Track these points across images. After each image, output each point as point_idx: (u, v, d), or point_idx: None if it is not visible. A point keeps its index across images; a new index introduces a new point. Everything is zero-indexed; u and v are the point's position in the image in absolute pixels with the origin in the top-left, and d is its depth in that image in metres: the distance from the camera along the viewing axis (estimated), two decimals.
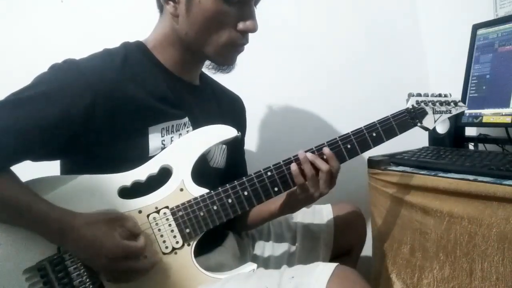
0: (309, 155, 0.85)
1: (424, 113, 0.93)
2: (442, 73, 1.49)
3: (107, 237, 0.72)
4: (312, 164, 0.85)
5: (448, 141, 1.20)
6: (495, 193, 0.79)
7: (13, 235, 0.74)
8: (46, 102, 0.74)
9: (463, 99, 1.18)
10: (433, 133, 1.23)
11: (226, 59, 0.90)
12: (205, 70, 0.97)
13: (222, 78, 1.07)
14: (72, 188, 0.78)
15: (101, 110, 0.77)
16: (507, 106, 1.07)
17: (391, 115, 0.91)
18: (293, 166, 0.85)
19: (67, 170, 0.87)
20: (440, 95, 0.96)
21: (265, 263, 1.07)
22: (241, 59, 0.95)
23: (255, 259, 1.08)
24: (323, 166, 0.85)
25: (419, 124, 0.93)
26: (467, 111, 1.18)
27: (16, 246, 0.74)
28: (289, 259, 1.08)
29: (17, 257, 0.74)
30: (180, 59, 0.90)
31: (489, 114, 1.12)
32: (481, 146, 1.23)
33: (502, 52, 1.12)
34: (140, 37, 0.92)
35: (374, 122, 0.90)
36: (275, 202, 0.98)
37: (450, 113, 0.96)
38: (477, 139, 1.23)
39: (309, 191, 0.87)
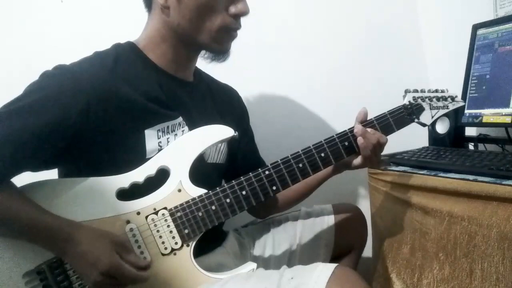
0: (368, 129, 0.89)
1: (421, 109, 0.94)
2: (442, 73, 1.49)
3: (105, 253, 0.72)
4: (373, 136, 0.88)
5: (448, 141, 1.20)
6: (495, 193, 0.79)
7: (11, 239, 0.74)
8: (40, 110, 0.74)
9: (463, 99, 1.17)
10: (433, 133, 1.23)
11: (221, 45, 0.89)
12: (200, 60, 0.96)
13: (221, 77, 1.07)
14: (71, 191, 0.78)
15: (95, 114, 0.77)
16: (507, 106, 1.07)
17: (388, 111, 0.92)
18: (360, 140, 0.87)
19: (65, 173, 0.86)
20: (436, 91, 0.96)
21: (265, 263, 1.07)
22: (241, 58, 0.95)
23: (255, 259, 1.08)
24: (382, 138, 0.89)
25: (416, 120, 0.93)
26: (467, 111, 1.18)
27: (14, 250, 0.74)
28: (290, 259, 1.08)
29: (16, 261, 0.74)
30: (173, 56, 0.89)
31: (489, 114, 1.11)
32: (481, 146, 1.23)
33: (502, 52, 1.11)
34: None
35: (371, 119, 0.90)
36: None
37: (447, 108, 0.96)
38: (477, 139, 1.23)
39: (373, 160, 0.90)
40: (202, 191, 0.83)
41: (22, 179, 0.77)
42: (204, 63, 0.98)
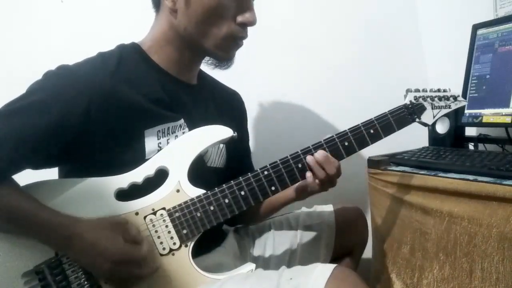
0: (318, 156, 0.85)
1: (422, 109, 0.92)
2: (442, 73, 1.48)
3: (111, 241, 0.72)
4: (321, 166, 0.86)
5: (448, 141, 1.20)
6: (495, 193, 0.79)
7: (10, 239, 0.74)
8: (42, 110, 0.74)
9: None
10: (433, 133, 1.23)
11: (226, 52, 0.90)
12: (203, 65, 0.97)
13: (221, 77, 1.07)
14: (70, 191, 0.78)
15: (96, 114, 0.77)
16: (507, 106, 1.06)
17: (388, 111, 0.90)
18: (308, 174, 0.86)
19: (65, 173, 0.87)
20: (439, 90, 0.95)
21: (265, 263, 1.07)
22: (240, 57, 0.94)
23: (255, 259, 1.08)
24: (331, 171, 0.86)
25: (417, 120, 0.92)
26: (467, 111, 1.17)
27: (14, 250, 0.74)
28: (290, 260, 1.08)
29: (15, 261, 0.74)
30: (177, 58, 0.89)
31: (489, 114, 1.11)
32: (481, 146, 1.23)
33: (502, 52, 1.11)
34: (142, 37, 0.91)
35: (371, 118, 0.89)
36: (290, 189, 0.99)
37: (449, 108, 0.95)
38: (477, 139, 1.23)
39: (323, 188, 0.90)
40: (200, 191, 0.82)
41: (22, 179, 0.77)
42: (206, 68, 0.98)
